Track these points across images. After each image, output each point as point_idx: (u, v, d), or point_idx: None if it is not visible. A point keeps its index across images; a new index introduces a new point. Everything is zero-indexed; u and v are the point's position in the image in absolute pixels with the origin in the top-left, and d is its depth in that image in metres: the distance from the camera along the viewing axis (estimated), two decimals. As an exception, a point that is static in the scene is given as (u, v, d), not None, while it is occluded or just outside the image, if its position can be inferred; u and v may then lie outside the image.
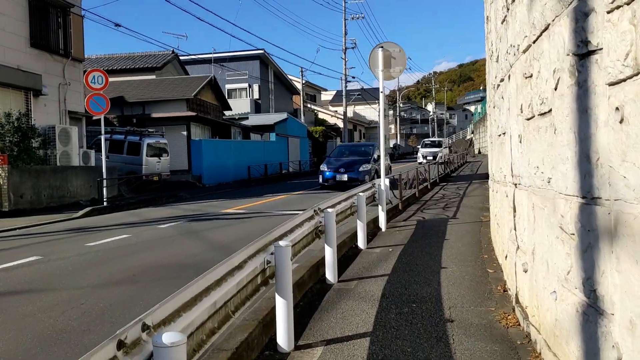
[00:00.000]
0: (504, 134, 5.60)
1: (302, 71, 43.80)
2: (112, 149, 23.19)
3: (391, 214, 11.83)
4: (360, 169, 19.38)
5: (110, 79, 31.16)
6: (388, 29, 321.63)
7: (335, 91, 74.80)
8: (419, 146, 43.63)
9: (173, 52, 35.54)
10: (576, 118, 2.83)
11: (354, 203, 8.16)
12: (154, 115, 25.92)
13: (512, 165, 4.94)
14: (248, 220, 12.29)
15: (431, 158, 36.95)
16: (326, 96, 74.06)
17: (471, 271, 6.50)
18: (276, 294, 4.14)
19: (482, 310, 4.98)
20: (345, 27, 49.05)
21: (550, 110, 3.38)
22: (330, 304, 5.34)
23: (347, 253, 7.87)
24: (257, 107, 43.86)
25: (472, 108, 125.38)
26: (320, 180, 20.08)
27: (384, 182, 10.01)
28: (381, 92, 9.64)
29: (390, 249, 8.01)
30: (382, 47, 9.55)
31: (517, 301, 4.73)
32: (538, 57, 3.63)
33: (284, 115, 37.00)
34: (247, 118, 36.51)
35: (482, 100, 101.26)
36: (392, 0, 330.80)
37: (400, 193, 12.86)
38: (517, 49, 4.41)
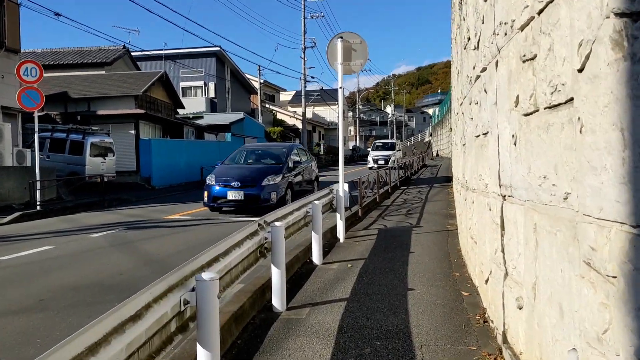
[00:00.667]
0: (486, 133, 4.67)
1: (259, 69, 42.63)
2: (53, 148, 21.60)
3: (350, 221, 10.89)
4: (264, 182, 13.25)
5: (56, 74, 29.40)
6: (348, 30, 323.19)
7: (294, 91, 73.75)
8: (369, 149, 35.95)
9: (124, 47, 33.96)
10: (626, 109, 1.90)
11: (308, 212, 7.16)
12: (100, 112, 24.32)
13: (500, 172, 4.01)
14: (192, 228, 11.13)
15: (383, 162, 34.05)
16: (285, 96, 72.96)
17: (443, 294, 5.58)
18: (198, 345, 3.10)
19: (460, 350, 4.05)
20: (304, 25, 48.13)
21: (570, 100, 2.44)
22: (275, 341, 4.32)
23: (300, 270, 6.86)
24: (213, 106, 42.44)
25: (430, 111, 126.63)
26: (205, 199, 13.68)
27: (342, 187, 9.05)
28: (340, 87, 8.70)
29: (349, 265, 7.05)
30: (341, 37, 8.60)
31: (506, 341, 3.81)
32: (548, 30, 2.70)
33: (240, 115, 35.74)
34: (201, 117, 35.09)
35: (440, 103, 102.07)
36: (352, 0, 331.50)
37: (361, 199, 11.94)
38: (511, 26, 3.47)
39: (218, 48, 41.72)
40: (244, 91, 49.08)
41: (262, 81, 56.92)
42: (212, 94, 42.89)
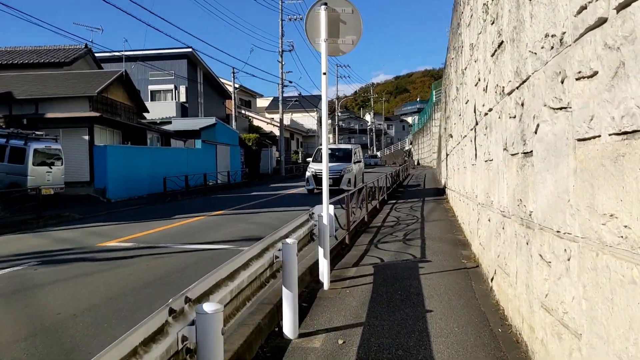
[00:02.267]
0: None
1: (233, 72, 40.01)
2: (-10, 156, 18.73)
3: (335, 252, 8.41)
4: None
5: (5, 73, 26.42)
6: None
7: (272, 97, 71.21)
8: (310, 159, 24.99)
9: (86, 46, 31.16)
10: None
11: (277, 257, 4.63)
12: (49, 115, 21.49)
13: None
14: (127, 263, 8.48)
15: (330, 182, 17.58)
16: (262, 102, 70.39)
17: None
18: None
19: None
20: (282, 28, 45.83)
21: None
22: None
23: (263, 354, 4.33)
24: (184, 111, 39.69)
25: (409, 119, 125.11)
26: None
27: (327, 211, 6.53)
28: (324, 73, 6.23)
29: (340, 340, 4.54)
30: (325, 4, 6.14)
31: None
32: None
33: (212, 120, 33.06)
34: (170, 122, 32.36)
35: (419, 111, 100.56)
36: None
37: (348, 222, 9.45)
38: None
39: (189, 49, 39.05)
40: (217, 96, 46.40)
41: (237, 86, 54.34)
42: (182, 98, 40.14)
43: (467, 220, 9.34)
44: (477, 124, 7.25)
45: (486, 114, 6.17)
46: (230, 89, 49.91)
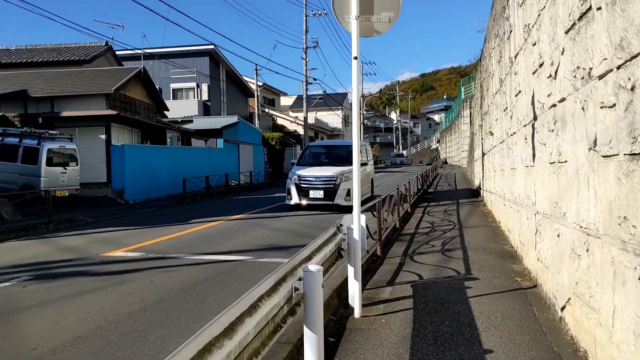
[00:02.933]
0: None
1: (256, 69, 39.16)
2: (4, 156, 18.12)
3: (366, 266, 7.33)
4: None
5: (21, 71, 25.91)
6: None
7: (296, 96, 70.31)
8: (293, 162, 18.92)
9: (106, 43, 30.63)
10: None
11: (296, 288, 3.56)
12: (65, 113, 20.81)
13: None
14: (130, 278, 7.51)
15: (319, 195, 15.81)
16: (286, 101, 69.57)
17: None
18: None
19: None
20: (306, 24, 44.75)
21: None
22: None
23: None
24: (206, 110, 39.00)
25: (436, 117, 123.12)
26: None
27: (358, 222, 5.45)
28: (355, 57, 5.16)
29: (378, 398, 3.48)
30: (356, -28, 5.07)
31: None
32: None
33: (234, 119, 32.22)
34: (191, 121, 31.61)
35: (446, 109, 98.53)
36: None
37: (380, 232, 8.34)
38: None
39: (212, 46, 38.30)
40: (240, 94, 45.63)
41: (260, 84, 53.56)
42: (205, 97, 39.44)
43: (516, 229, 8.16)
44: (535, 118, 6.08)
45: (554, 105, 5.02)
46: (253, 87, 49.13)
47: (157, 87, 40.37)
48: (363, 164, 16.96)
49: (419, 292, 6.09)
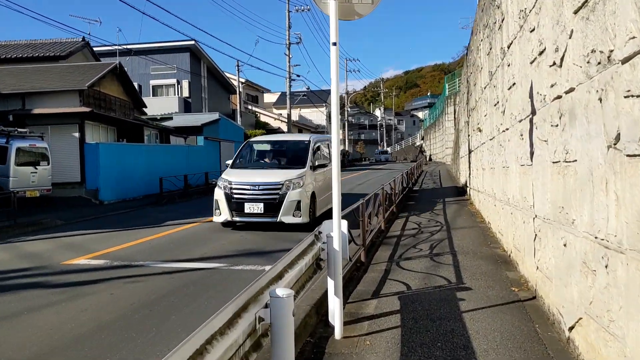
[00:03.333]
0: None
1: (238, 65, 38.36)
2: (-29, 156, 17.21)
3: (349, 275, 6.72)
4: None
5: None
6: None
7: (279, 93, 69.52)
8: (228, 162, 13.41)
9: (83, 39, 29.68)
10: None
11: (261, 318, 2.93)
12: (36, 111, 19.92)
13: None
14: (87, 291, 6.82)
15: (259, 208, 11.42)
16: (270, 98, 68.79)
17: None
18: None
19: None
20: (289, 19, 44.11)
21: None
22: None
23: None
24: (187, 107, 38.12)
25: (420, 114, 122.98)
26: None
27: (338, 229, 4.82)
28: (333, 43, 4.52)
29: None
30: (335, -53, 4.44)
31: None
32: None
33: (215, 116, 31.44)
34: (171, 118, 30.73)
35: (430, 106, 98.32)
36: None
37: (364, 236, 7.73)
38: None
39: (192, 42, 37.43)
40: (222, 91, 44.77)
41: (243, 80, 52.78)
42: (185, 93, 38.55)
43: (510, 232, 7.61)
44: (534, 112, 5.51)
45: (559, 97, 4.44)
46: (236, 83, 48.32)
47: (136, 83, 39.40)
48: (321, 166, 13.12)
49: (407, 306, 5.49)
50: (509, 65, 7.22)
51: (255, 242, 10.09)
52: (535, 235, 5.62)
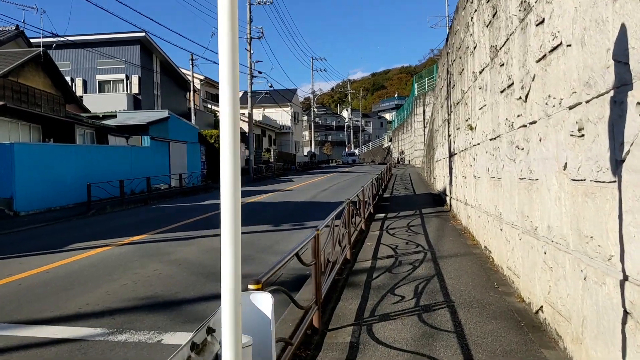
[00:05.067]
0: None
1: (192, 58, 35.29)
2: None
3: (290, 362, 3.99)
4: None
5: None
6: (303, 28, 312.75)
7: (242, 92, 66.40)
8: None
9: (17, 27, 26.38)
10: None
11: None
12: (-64, 104, 16.65)
13: None
14: None
15: None
16: (232, 97, 65.45)
17: None
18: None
19: None
20: (250, 12, 41.35)
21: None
22: None
23: None
24: (137, 104, 34.87)
25: (387, 116, 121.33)
26: None
27: (232, 323, 2.14)
28: None
29: None
30: None
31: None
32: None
33: (164, 114, 28.35)
34: (114, 116, 27.58)
35: (398, 108, 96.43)
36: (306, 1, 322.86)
37: (318, 287, 4.98)
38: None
39: (143, 34, 34.25)
40: (178, 88, 41.56)
41: (202, 77, 49.67)
42: (135, 90, 35.28)
43: (535, 276, 5.01)
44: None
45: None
46: (194, 80, 45.14)
47: (81, 79, 36.03)
48: None
49: None
50: (539, 24, 4.61)
51: (170, 282, 7.29)
52: (613, 301, 3.00)
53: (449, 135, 14.22)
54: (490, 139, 7.52)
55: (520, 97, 5.49)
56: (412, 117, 51.87)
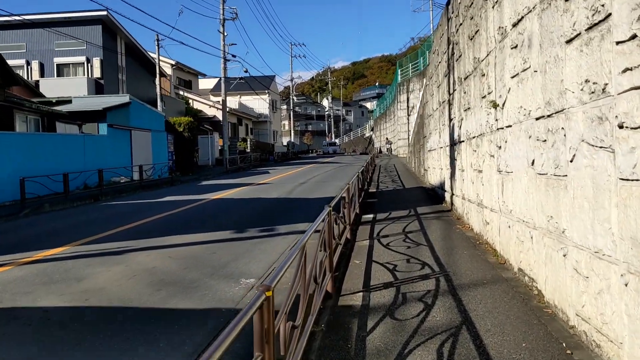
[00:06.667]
0: None
1: (157, 38, 32.31)
2: None
3: None
4: None
5: None
6: (281, 12, 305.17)
7: (217, 78, 63.28)
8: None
9: (-43, 2, 23.13)
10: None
11: None
12: None
13: None
14: None
15: None
16: (207, 84, 62.56)
17: None
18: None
19: None
20: (223, -9, 38.38)
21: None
22: None
23: None
24: (99, 89, 31.92)
25: (368, 105, 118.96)
26: None
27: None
28: None
29: None
30: None
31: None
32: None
33: (124, 99, 25.51)
34: (69, 102, 24.64)
35: (379, 96, 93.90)
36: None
37: (287, 342, 2.54)
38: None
39: (104, 12, 31.20)
40: (146, 73, 38.53)
41: (173, 62, 46.69)
42: (97, 74, 32.29)
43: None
44: None
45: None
46: (164, 65, 42.17)
47: (37, 62, 32.90)
48: None
49: None
50: None
51: (48, 348, 4.78)
52: None
53: (450, 120, 11.82)
54: (539, 118, 5.08)
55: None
56: (395, 104, 49.52)
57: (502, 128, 6.72)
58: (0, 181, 16.08)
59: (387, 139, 57.73)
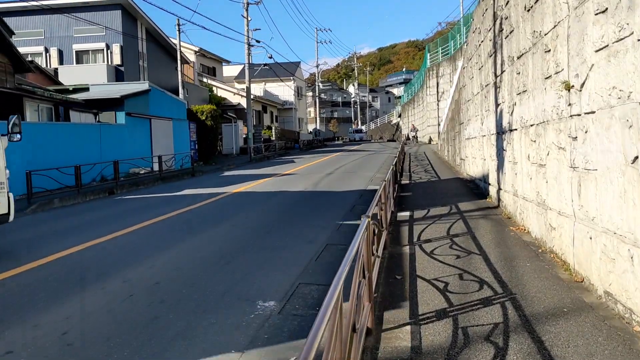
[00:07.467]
0: None
1: (178, 23, 31.27)
2: None
3: None
4: None
5: None
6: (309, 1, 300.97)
7: (242, 65, 62.18)
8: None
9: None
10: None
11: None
12: None
13: None
14: None
15: None
16: (231, 71, 61.52)
17: None
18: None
19: None
20: (246, -26, 37.12)
21: None
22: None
23: None
24: (119, 76, 31.06)
25: (395, 91, 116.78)
26: None
27: None
28: None
29: None
30: None
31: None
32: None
33: (143, 86, 24.52)
34: (87, 89, 23.83)
35: (406, 82, 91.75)
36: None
37: None
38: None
39: (124, -4, 30.27)
40: (169, 60, 37.60)
41: (197, 49, 45.64)
42: (117, 60, 31.40)
43: None
44: None
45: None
46: (187, 52, 41.22)
47: (56, 48, 32.20)
48: None
49: None
50: None
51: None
52: None
53: (497, 105, 10.42)
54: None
55: None
56: (424, 90, 47.78)
57: (580, 115, 5.37)
58: (12, 174, 15.17)
59: (413, 125, 56.03)
